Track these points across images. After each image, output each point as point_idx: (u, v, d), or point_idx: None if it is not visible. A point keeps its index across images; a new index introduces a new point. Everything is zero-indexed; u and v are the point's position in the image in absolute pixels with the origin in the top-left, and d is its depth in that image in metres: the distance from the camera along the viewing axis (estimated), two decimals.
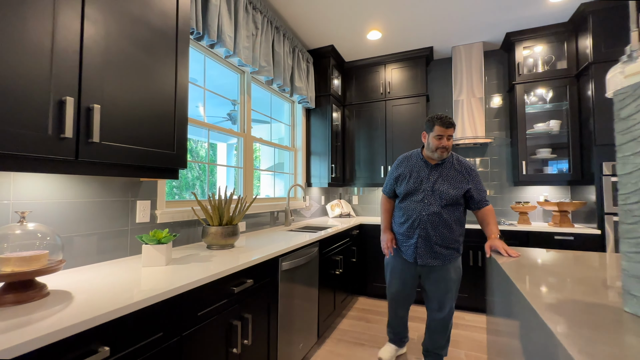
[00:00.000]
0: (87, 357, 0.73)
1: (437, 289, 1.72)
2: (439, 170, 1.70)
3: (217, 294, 1.19)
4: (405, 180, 1.74)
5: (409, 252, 1.74)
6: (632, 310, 0.74)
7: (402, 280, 1.81)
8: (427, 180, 1.69)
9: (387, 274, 1.90)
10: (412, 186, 1.71)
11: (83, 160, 0.97)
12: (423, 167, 1.72)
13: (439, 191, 1.66)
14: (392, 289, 1.87)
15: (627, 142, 0.75)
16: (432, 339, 1.80)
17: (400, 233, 1.78)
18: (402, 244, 1.78)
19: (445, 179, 1.67)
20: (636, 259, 0.73)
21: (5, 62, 0.80)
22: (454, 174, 1.68)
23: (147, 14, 1.20)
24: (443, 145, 1.61)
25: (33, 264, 0.84)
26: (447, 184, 1.66)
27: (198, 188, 3.46)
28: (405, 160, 1.79)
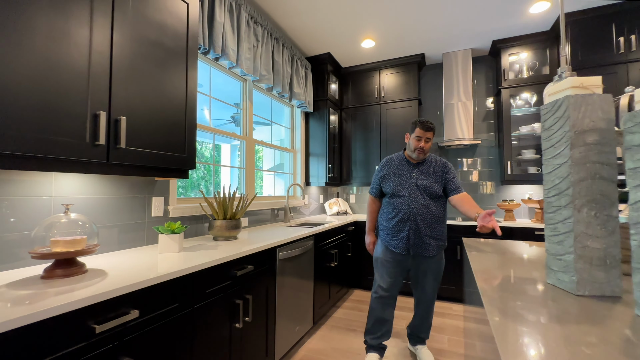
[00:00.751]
0: (122, 316, 0.94)
1: (428, 278, 1.85)
2: (419, 168, 1.85)
3: (222, 276, 1.39)
4: (391, 179, 1.88)
5: (400, 245, 1.81)
6: (551, 281, 0.93)
7: (394, 273, 1.86)
8: (410, 177, 1.83)
9: (377, 269, 1.93)
10: (398, 182, 1.84)
11: (112, 163, 1.18)
12: (405, 166, 1.87)
13: (422, 186, 1.80)
14: (384, 283, 1.87)
15: (548, 147, 0.94)
16: (421, 324, 1.95)
17: (390, 227, 1.86)
18: (393, 238, 1.84)
19: (426, 175, 1.83)
20: (553, 240, 0.92)
21: (56, 84, 1.01)
22: (433, 170, 1.84)
23: (162, 37, 1.41)
24: (421, 146, 1.78)
25: (76, 246, 1.05)
26: (429, 180, 1.81)
27: (203, 187, 3.68)
28: (389, 162, 1.94)
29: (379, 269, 1.92)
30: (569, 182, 0.86)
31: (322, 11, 2.57)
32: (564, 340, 0.59)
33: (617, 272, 0.83)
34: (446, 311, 2.73)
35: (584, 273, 0.84)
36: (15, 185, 1.16)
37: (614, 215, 0.83)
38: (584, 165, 0.85)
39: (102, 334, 0.88)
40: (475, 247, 1.58)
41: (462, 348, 2.10)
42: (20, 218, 1.18)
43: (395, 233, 1.84)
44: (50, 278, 1.01)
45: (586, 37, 2.56)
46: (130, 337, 0.97)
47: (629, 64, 2.42)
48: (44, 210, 1.24)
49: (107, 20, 1.17)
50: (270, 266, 1.75)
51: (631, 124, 0.72)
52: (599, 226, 0.83)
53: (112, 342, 0.92)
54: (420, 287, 1.90)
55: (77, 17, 1.08)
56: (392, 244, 1.85)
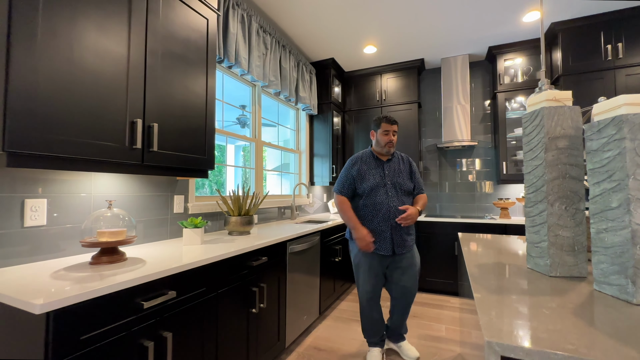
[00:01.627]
0: (161, 296, 1.09)
1: (407, 275, 1.84)
2: (390, 165, 1.86)
3: (241, 266, 1.55)
4: (365, 178, 1.83)
5: (386, 246, 1.78)
6: (530, 266, 1.09)
7: (376, 275, 1.84)
8: (384, 175, 1.83)
9: (360, 273, 1.87)
10: (374, 181, 1.81)
11: (146, 164, 1.34)
12: (376, 164, 1.86)
13: (398, 184, 1.82)
14: (368, 286, 1.85)
15: (527, 151, 1.09)
16: (399, 321, 1.94)
17: (371, 230, 1.80)
18: (377, 241, 1.80)
19: (399, 172, 1.85)
20: (532, 230, 1.07)
21: (102, 95, 1.17)
22: (404, 167, 1.89)
23: (185, 50, 1.56)
24: (390, 139, 1.83)
25: (118, 236, 1.21)
26: (403, 177, 1.85)
27: (207, 187, 3.83)
28: (359, 160, 1.88)
29: (362, 274, 1.87)
30: (544, 180, 1.01)
31: (326, 20, 2.73)
32: (531, 306, 0.74)
33: (583, 257, 0.98)
34: (444, 303, 2.88)
35: (556, 257, 0.99)
36: (59, 184, 1.32)
37: (581, 208, 0.98)
38: (556, 167, 1.00)
39: (148, 309, 1.04)
40: (470, 241, 1.73)
41: (458, 336, 2.25)
42: (62, 213, 1.33)
43: (377, 235, 1.80)
44: (98, 264, 1.16)
45: (576, 44, 2.71)
46: (168, 314, 1.13)
47: (616, 70, 2.57)
48: (84, 207, 1.39)
49: (141, 39, 1.33)
50: (281, 258, 1.91)
51: (590, 132, 0.87)
52: (568, 218, 0.99)
53: (155, 318, 1.07)
54: (399, 284, 1.86)
55: (118, 36, 1.24)
56: (377, 247, 1.80)
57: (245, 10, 2.33)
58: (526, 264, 1.14)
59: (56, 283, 0.94)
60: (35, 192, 1.23)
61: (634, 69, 2.52)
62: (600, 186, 0.84)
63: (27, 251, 1.20)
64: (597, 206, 0.85)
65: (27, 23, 0.97)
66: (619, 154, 0.78)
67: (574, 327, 0.63)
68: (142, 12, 1.34)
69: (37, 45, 0.98)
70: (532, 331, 0.61)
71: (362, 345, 2.13)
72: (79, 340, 0.85)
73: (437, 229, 3.17)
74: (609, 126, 0.81)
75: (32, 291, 0.86)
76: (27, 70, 0.96)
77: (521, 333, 0.60)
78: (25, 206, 1.19)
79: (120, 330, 0.96)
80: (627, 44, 2.55)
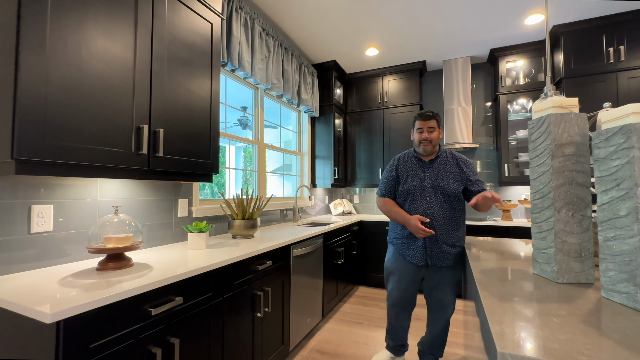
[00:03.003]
0: (169, 302, 1.09)
1: (442, 290, 1.69)
2: (434, 166, 1.69)
3: (246, 270, 1.55)
4: (404, 180, 1.73)
5: (417, 255, 1.67)
6: (537, 271, 1.09)
7: (406, 285, 1.74)
8: (425, 177, 1.68)
9: (390, 280, 1.80)
10: (412, 184, 1.69)
11: (152, 169, 1.34)
12: (418, 165, 1.73)
13: (440, 187, 1.64)
14: (395, 294, 1.77)
15: (534, 157, 1.10)
16: (433, 341, 1.77)
17: (405, 236, 1.71)
18: (409, 248, 1.71)
19: (443, 174, 1.67)
20: (538, 236, 1.07)
21: (110, 102, 1.17)
22: (450, 168, 1.68)
23: (191, 55, 1.57)
24: (424, 137, 1.66)
25: (125, 242, 1.21)
26: (447, 179, 1.65)
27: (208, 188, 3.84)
28: (402, 161, 1.78)
29: (391, 279, 1.80)
30: (550, 187, 1.01)
31: (328, 22, 2.73)
32: (540, 314, 0.75)
33: (590, 263, 0.98)
34: None
35: (562, 264, 0.99)
36: (65, 190, 1.32)
37: (588, 215, 0.99)
38: (563, 173, 1.00)
39: (156, 316, 1.04)
40: (473, 244, 1.73)
41: (462, 339, 2.25)
42: (68, 219, 1.33)
43: (410, 242, 1.70)
44: (105, 270, 1.16)
45: (578, 47, 2.72)
46: (176, 320, 1.13)
47: (618, 72, 2.57)
48: (89, 212, 1.40)
49: (147, 44, 1.33)
50: (285, 262, 1.91)
51: (597, 140, 0.88)
52: (575, 224, 0.99)
53: (163, 324, 1.08)
54: (435, 299, 1.73)
55: (124, 42, 1.24)
56: (408, 254, 1.71)
57: (248, 14, 2.33)
58: (531, 269, 1.14)
59: (64, 290, 0.94)
60: (41, 198, 1.23)
61: (636, 71, 2.53)
62: (608, 194, 0.84)
63: (34, 257, 1.20)
64: (604, 214, 0.85)
65: (36, 30, 0.97)
66: (628, 163, 0.78)
67: (585, 337, 0.63)
68: (148, 17, 1.34)
69: (46, 52, 0.99)
70: (544, 341, 0.61)
71: (365, 348, 2.13)
72: (89, 348, 0.85)
73: None
74: (617, 134, 0.81)
75: (41, 299, 0.86)
76: (35, 78, 0.96)
77: (533, 343, 0.60)
78: (31, 212, 1.19)
79: (128, 338, 0.96)
80: (629, 47, 2.56)
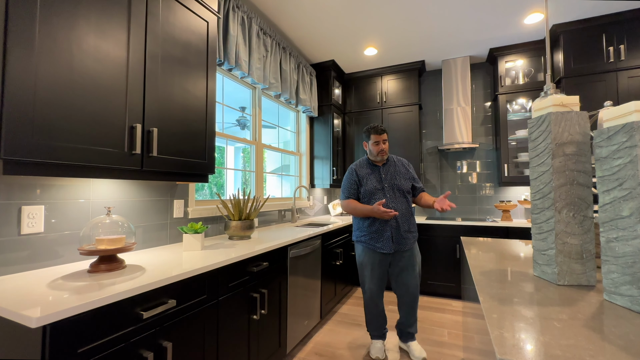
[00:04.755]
0: (161, 305, 1.07)
1: (408, 271, 1.95)
2: (386, 168, 2.01)
3: (242, 272, 1.53)
4: (365, 182, 1.97)
5: (387, 245, 1.90)
6: (537, 273, 1.07)
7: (380, 273, 1.97)
8: (382, 179, 1.97)
9: (365, 272, 2.00)
10: (372, 185, 1.95)
11: (146, 170, 1.32)
12: (373, 169, 2.01)
13: (396, 185, 1.95)
14: (373, 284, 1.98)
15: (534, 157, 1.08)
16: (406, 319, 2.03)
17: (373, 231, 1.93)
18: (378, 240, 1.92)
19: (395, 174, 1.99)
20: (538, 237, 1.05)
21: (102, 100, 1.15)
22: (399, 169, 2.02)
23: (186, 54, 1.54)
24: (381, 148, 1.96)
25: (117, 244, 1.18)
26: (400, 178, 1.98)
27: (207, 189, 3.81)
28: (359, 167, 2.05)
29: (366, 273, 2.00)
30: (551, 187, 0.99)
31: (327, 22, 2.71)
32: (541, 318, 0.72)
33: (592, 265, 0.96)
34: (446, 307, 2.86)
35: (563, 265, 0.97)
36: (57, 190, 1.30)
37: (589, 216, 0.96)
38: (564, 173, 0.98)
39: (147, 319, 1.02)
40: (473, 245, 1.71)
41: (461, 340, 2.23)
42: (60, 220, 1.31)
43: (378, 235, 1.93)
44: (96, 272, 1.14)
45: (578, 46, 2.70)
46: (168, 323, 1.11)
47: (618, 72, 2.56)
48: (82, 213, 1.37)
49: (141, 42, 1.31)
50: (282, 263, 1.89)
51: (599, 139, 0.85)
52: (576, 225, 0.97)
53: (155, 328, 1.05)
54: (401, 282, 1.98)
55: (117, 40, 1.22)
56: (379, 246, 1.92)
57: (245, 13, 2.31)
58: (532, 271, 1.12)
59: (53, 293, 0.91)
60: (32, 199, 1.21)
61: (636, 71, 2.51)
62: (610, 194, 0.82)
63: (24, 259, 1.18)
64: (607, 214, 0.83)
65: (25, 28, 0.94)
66: (630, 162, 0.76)
67: (588, 342, 0.61)
68: (141, 16, 1.32)
69: (35, 50, 0.96)
70: (545, 347, 0.59)
71: (363, 350, 2.10)
72: (76, 353, 0.82)
73: (438, 231, 3.15)
74: (620, 133, 0.79)
75: (28, 302, 0.84)
76: (24, 76, 0.94)
77: (534, 349, 0.58)
78: (22, 213, 1.17)
79: (119, 342, 0.93)
80: (629, 46, 2.54)
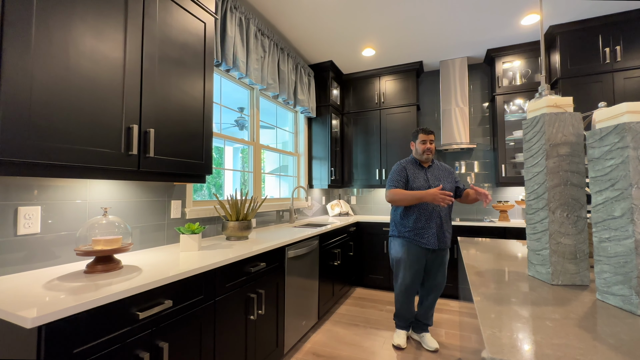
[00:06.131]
0: (157, 306, 1.07)
1: (440, 269, 2.10)
2: (432, 170, 2.12)
3: (239, 272, 1.53)
4: (412, 180, 2.06)
5: (432, 240, 2.00)
6: (531, 273, 1.07)
7: (418, 268, 2.06)
8: (429, 179, 2.07)
9: (401, 268, 2.08)
10: (419, 184, 2.05)
11: (143, 170, 1.32)
12: (420, 169, 2.11)
13: (442, 187, 2.03)
14: (409, 279, 2.06)
15: (528, 157, 1.08)
16: (427, 312, 2.17)
17: (419, 227, 2.02)
18: (423, 236, 2.01)
19: (441, 176, 2.10)
20: (533, 237, 1.06)
21: (99, 101, 1.15)
22: (443, 173, 2.13)
23: (183, 54, 1.55)
24: (427, 147, 2.07)
25: (114, 244, 1.19)
26: (445, 181, 2.09)
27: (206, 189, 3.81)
28: (407, 165, 2.13)
29: (404, 268, 2.08)
30: (545, 187, 1.00)
31: (325, 23, 2.72)
32: (534, 317, 0.73)
33: (585, 265, 0.97)
34: (444, 307, 2.87)
35: (557, 265, 0.98)
36: (54, 191, 1.30)
37: (582, 216, 0.97)
38: (557, 174, 0.99)
39: (144, 319, 1.02)
40: (469, 245, 1.72)
41: (458, 340, 2.23)
42: (56, 220, 1.31)
43: (424, 231, 2.02)
44: (93, 273, 1.14)
45: (575, 47, 2.71)
46: (165, 323, 1.11)
47: (614, 73, 2.57)
48: (79, 213, 1.37)
49: (138, 43, 1.31)
50: (280, 264, 1.89)
51: (592, 140, 0.86)
52: (570, 225, 0.97)
53: (151, 328, 1.05)
54: (433, 277, 2.12)
55: (114, 41, 1.22)
56: (423, 242, 2.02)
57: (243, 14, 2.31)
58: (527, 271, 1.12)
59: (49, 294, 0.92)
60: (29, 200, 1.21)
61: (632, 72, 2.52)
62: (602, 194, 0.83)
63: (21, 259, 1.18)
64: (599, 215, 0.84)
65: (21, 29, 0.95)
66: (622, 163, 0.77)
67: (579, 341, 0.61)
68: (138, 16, 1.32)
69: (31, 52, 0.97)
70: (537, 346, 0.59)
71: (360, 350, 2.11)
72: (72, 354, 0.83)
73: None
74: (612, 134, 0.80)
75: (24, 303, 0.84)
76: (20, 77, 0.94)
77: (525, 348, 0.58)
78: (18, 214, 1.17)
79: (114, 342, 0.93)
80: (625, 47, 2.55)
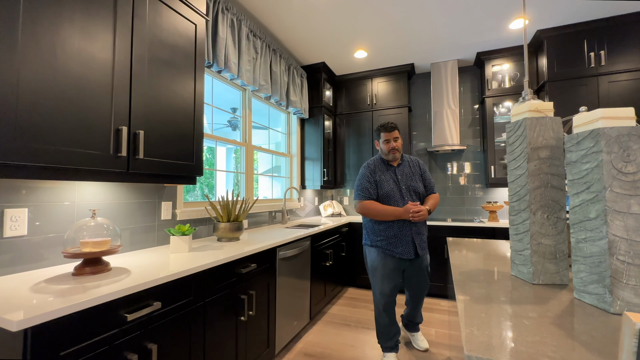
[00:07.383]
0: (146, 307, 1.07)
1: (421, 274, 1.95)
2: (401, 169, 1.91)
3: (229, 274, 1.53)
4: (381, 185, 1.86)
5: (409, 250, 1.81)
6: (514, 273, 1.10)
7: (395, 279, 1.87)
8: (396, 180, 1.87)
9: (378, 278, 1.88)
10: (389, 187, 1.85)
11: (132, 172, 1.32)
12: (388, 169, 1.90)
13: (412, 187, 1.87)
14: (387, 290, 1.87)
15: (511, 160, 1.11)
16: (415, 313, 2.12)
17: (391, 235, 1.83)
18: (397, 246, 1.82)
19: (410, 176, 1.90)
20: (515, 238, 1.09)
21: (87, 102, 1.15)
22: (414, 170, 1.94)
23: (173, 56, 1.55)
24: (392, 147, 1.87)
25: (102, 246, 1.18)
26: (415, 180, 1.90)
27: (198, 190, 3.80)
28: (374, 167, 1.92)
29: (379, 279, 1.88)
30: (527, 189, 1.03)
31: (317, 24, 2.73)
32: (513, 315, 0.75)
33: (565, 264, 1.00)
34: (434, 306, 2.91)
35: (538, 265, 1.01)
36: (42, 192, 1.29)
37: (562, 217, 1.00)
38: (538, 176, 1.02)
39: (132, 321, 1.02)
40: (458, 245, 1.75)
41: (447, 339, 2.27)
42: (44, 222, 1.30)
43: (399, 240, 1.83)
44: (81, 275, 1.14)
45: (561, 51, 2.78)
46: (154, 325, 1.11)
47: (599, 77, 2.64)
48: (67, 215, 1.36)
49: (127, 45, 1.31)
50: (271, 265, 1.90)
51: (569, 144, 0.89)
52: (550, 226, 1.01)
53: (140, 330, 1.06)
54: (415, 283, 1.98)
55: (103, 42, 1.22)
56: (398, 251, 1.82)
57: (235, 15, 2.32)
58: (510, 271, 1.15)
59: (36, 296, 0.91)
60: (15, 202, 1.20)
61: (616, 76, 2.59)
62: (579, 197, 0.86)
63: (7, 262, 1.17)
64: (576, 216, 0.87)
65: (7, 30, 0.94)
66: (597, 166, 0.80)
67: (553, 338, 0.64)
68: (127, 18, 1.32)
69: (17, 52, 0.96)
70: (513, 343, 0.61)
71: (352, 350, 2.13)
72: (59, 356, 0.83)
73: (428, 232, 3.19)
74: (587, 139, 0.83)
75: (10, 306, 0.84)
76: (6, 78, 0.94)
77: (501, 346, 0.61)
78: (4, 216, 1.16)
79: (102, 344, 0.94)
80: (610, 52, 2.62)
